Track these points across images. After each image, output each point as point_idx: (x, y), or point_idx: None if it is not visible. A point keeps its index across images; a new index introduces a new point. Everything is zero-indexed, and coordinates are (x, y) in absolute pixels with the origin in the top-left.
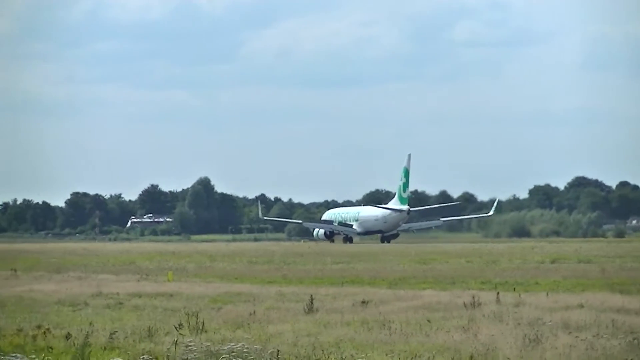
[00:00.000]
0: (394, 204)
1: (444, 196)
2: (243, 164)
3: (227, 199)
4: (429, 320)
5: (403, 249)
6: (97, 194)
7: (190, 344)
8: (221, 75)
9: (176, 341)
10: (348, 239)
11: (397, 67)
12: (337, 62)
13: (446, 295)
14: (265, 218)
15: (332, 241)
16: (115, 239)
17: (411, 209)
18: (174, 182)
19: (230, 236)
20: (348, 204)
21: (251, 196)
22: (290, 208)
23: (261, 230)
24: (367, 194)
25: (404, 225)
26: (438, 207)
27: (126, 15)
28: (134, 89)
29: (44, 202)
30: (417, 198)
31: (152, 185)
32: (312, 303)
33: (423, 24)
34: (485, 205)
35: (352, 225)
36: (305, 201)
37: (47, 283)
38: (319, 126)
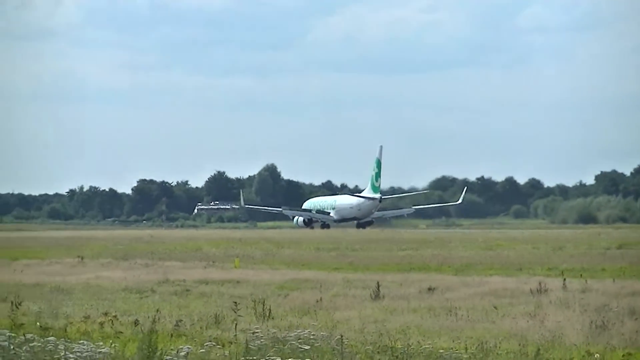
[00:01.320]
0: (367, 192)
1: (510, 182)
2: (309, 150)
3: (293, 185)
4: (495, 307)
5: (470, 235)
6: (163, 181)
7: (256, 330)
8: (287, 61)
9: (236, 325)
10: (325, 226)
11: (462, 53)
12: (402, 48)
13: (512, 282)
14: (247, 206)
15: (312, 228)
16: (181, 226)
17: (383, 197)
18: (240, 169)
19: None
20: (413, 190)
21: (317, 183)
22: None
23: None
24: (434, 181)
25: (377, 212)
26: (407, 195)
27: (192, 1)
28: (199, 76)
29: (110, 189)
30: (483, 185)
31: (218, 172)
32: (378, 290)
33: (488, 9)
34: (552, 191)
35: (329, 213)
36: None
37: (114, 270)
38: (384, 112)
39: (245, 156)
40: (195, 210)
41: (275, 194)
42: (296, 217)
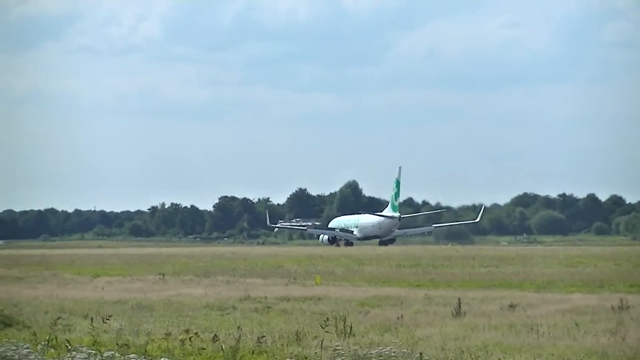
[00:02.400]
0: (388, 211)
1: (591, 199)
2: (390, 166)
3: (374, 202)
4: (576, 324)
5: (551, 252)
6: (245, 198)
7: (337, 347)
8: (368, 77)
9: (322, 342)
10: (349, 244)
11: (545, 68)
12: (484, 64)
13: (594, 299)
14: (273, 225)
15: (338, 245)
16: (263, 243)
17: (402, 216)
18: (322, 186)
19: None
20: (496, 207)
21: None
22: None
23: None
24: (516, 197)
25: (397, 231)
26: (427, 214)
27: (274, 18)
28: (280, 92)
29: (192, 206)
30: (564, 201)
31: (300, 189)
32: (459, 306)
33: (571, 24)
34: (634, 208)
35: (352, 231)
36: (454, 205)
37: (196, 287)
38: (466, 128)
39: (326, 173)
40: (278, 226)
41: (357, 211)
42: (321, 236)
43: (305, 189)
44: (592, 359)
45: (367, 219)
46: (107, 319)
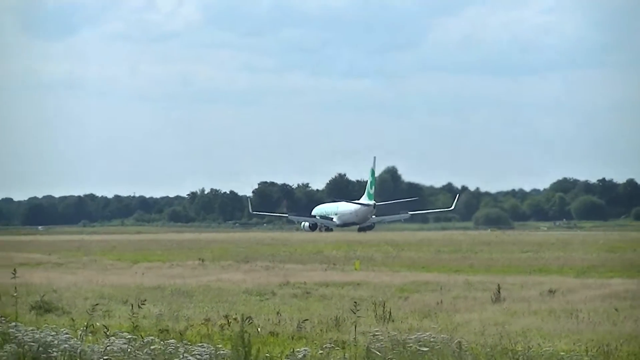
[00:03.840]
0: (364, 199)
1: (631, 184)
2: (429, 152)
3: (413, 187)
4: (616, 309)
5: (590, 237)
6: (284, 183)
7: (377, 333)
8: (406, 63)
9: (355, 328)
10: (329, 230)
11: (582, 54)
12: (521, 50)
13: (634, 284)
14: (255, 212)
15: (321, 231)
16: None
17: (377, 204)
18: (361, 171)
19: (417, 225)
20: (535, 192)
21: (438, 185)
22: (478, 197)
23: (448, 219)
24: (555, 183)
25: (375, 218)
26: (402, 201)
27: (312, 3)
28: (319, 78)
29: (231, 192)
30: (604, 187)
31: (339, 174)
32: (499, 292)
33: (608, 9)
34: None
35: (332, 218)
36: (493, 190)
37: (235, 272)
38: (504, 113)
39: (365, 158)
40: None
41: (396, 196)
42: (303, 223)
43: (345, 174)
44: (632, 345)
45: (345, 207)
46: (142, 304)
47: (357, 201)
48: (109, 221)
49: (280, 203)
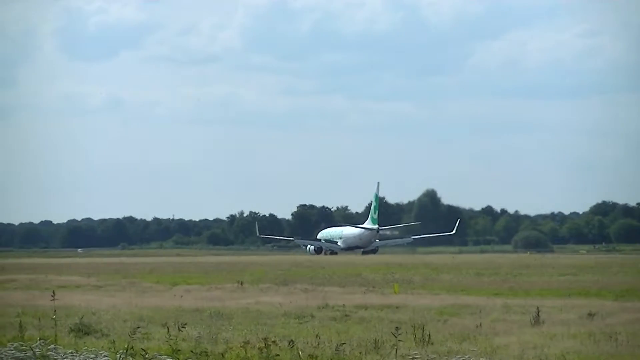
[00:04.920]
0: (368, 224)
1: None
2: (469, 175)
3: (453, 210)
4: None
5: (629, 260)
6: (323, 206)
7: (415, 356)
8: (447, 86)
9: (396, 351)
10: (333, 253)
11: (623, 78)
12: (562, 73)
13: None
14: (262, 236)
15: (326, 254)
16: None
17: (380, 228)
18: (400, 194)
19: (456, 248)
20: (574, 215)
21: (477, 208)
22: (517, 220)
23: (487, 242)
24: (594, 206)
25: (378, 242)
26: (405, 226)
27: (352, 26)
28: (358, 101)
29: (270, 214)
30: None
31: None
32: (538, 315)
33: None
34: None
35: (337, 242)
36: (532, 213)
37: (274, 295)
38: (545, 138)
39: (405, 181)
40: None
41: (436, 220)
42: (308, 246)
43: (384, 198)
44: None
45: (349, 231)
46: (182, 327)
47: (361, 225)
48: (148, 244)
49: (319, 226)
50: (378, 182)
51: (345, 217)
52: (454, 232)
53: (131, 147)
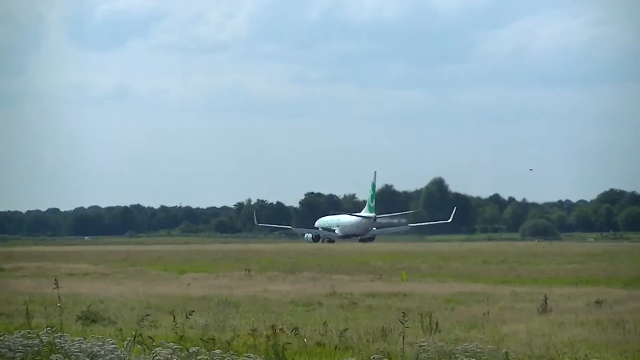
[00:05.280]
0: (365, 212)
1: None
2: (477, 163)
3: (460, 198)
4: None
5: (637, 248)
6: (331, 194)
7: (423, 343)
8: (456, 74)
9: (404, 338)
10: (331, 241)
11: (631, 66)
12: (570, 61)
13: None
14: (260, 224)
15: (323, 242)
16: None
17: (377, 216)
18: (408, 182)
19: (463, 236)
20: (582, 203)
21: (485, 196)
22: (525, 208)
23: (495, 230)
24: (602, 194)
25: (375, 230)
26: (400, 214)
27: (361, 15)
28: (367, 89)
29: (278, 203)
30: None
31: (386, 185)
32: (546, 303)
33: None
34: None
35: (334, 230)
36: (539, 201)
37: (281, 283)
38: (552, 125)
39: (413, 169)
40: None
41: (443, 208)
42: (306, 234)
43: (392, 185)
44: None
45: (347, 219)
46: (190, 314)
47: (358, 214)
48: (156, 232)
49: (327, 214)
50: (375, 172)
51: (353, 205)
52: (450, 220)
53: (138, 135)
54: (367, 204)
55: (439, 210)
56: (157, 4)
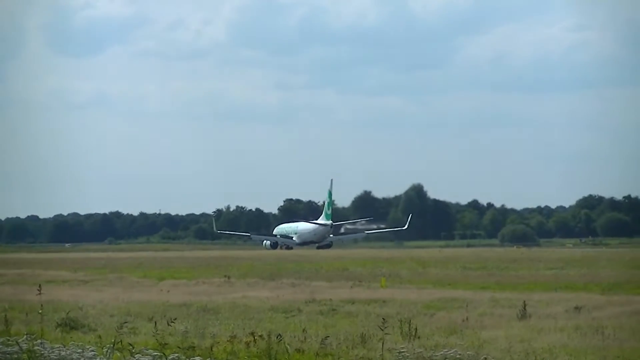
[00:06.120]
0: (322, 219)
1: None
2: (456, 169)
3: (440, 205)
4: None
5: (616, 254)
6: (310, 201)
7: (402, 349)
8: (435, 81)
9: (383, 344)
10: (289, 248)
11: (611, 72)
12: (551, 67)
13: None
14: (219, 231)
15: (282, 249)
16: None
17: (333, 224)
18: (387, 189)
19: (443, 242)
20: (561, 209)
21: (464, 202)
22: (504, 214)
23: (474, 236)
24: (581, 199)
25: (333, 237)
26: (356, 221)
27: (341, 21)
28: (347, 95)
29: (257, 209)
30: (630, 203)
31: (365, 191)
32: (525, 309)
33: (637, 27)
34: None
35: (292, 237)
36: (519, 207)
37: (261, 289)
38: (531, 131)
39: (392, 176)
40: (342, 230)
41: (422, 214)
42: (265, 241)
43: (370, 192)
44: None
45: (304, 227)
46: (172, 322)
47: (315, 221)
48: (135, 238)
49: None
50: (331, 180)
51: (332, 211)
52: (406, 227)
53: (118, 142)
54: (323, 211)
55: (419, 216)
56: (136, 11)
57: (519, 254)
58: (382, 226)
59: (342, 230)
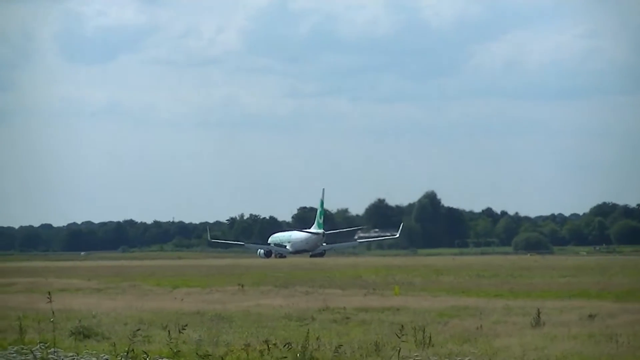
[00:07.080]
0: (314, 228)
1: None
2: (470, 177)
3: (453, 212)
4: None
5: (630, 261)
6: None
7: (416, 357)
8: (448, 88)
9: (399, 352)
10: (282, 257)
11: (624, 79)
12: (563, 74)
13: None
14: (213, 240)
15: (276, 257)
16: (342, 254)
17: (326, 232)
18: (401, 196)
19: (456, 250)
20: (575, 217)
21: (477, 210)
22: (517, 222)
23: (488, 244)
24: (594, 207)
25: (326, 245)
26: (347, 230)
27: (354, 29)
28: (360, 103)
29: (270, 217)
30: None
31: (378, 199)
32: (538, 316)
33: None
34: None
35: (285, 246)
36: (532, 215)
37: (274, 298)
38: (545, 138)
39: (405, 183)
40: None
41: (436, 221)
42: (259, 250)
43: (384, 200)
44: None
45: (297, 235)
46: (183, 329)
47: (308, 230)
48: (148, 247)
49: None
50: (323, 189)
51: (345, 220)
52: (397, 235)
53: (131, 150)
54: (316, 220)
55: (432, 223)
56: (148, 19)
57: (533, 261)
58: (377, 231)
59: (356, 236)
